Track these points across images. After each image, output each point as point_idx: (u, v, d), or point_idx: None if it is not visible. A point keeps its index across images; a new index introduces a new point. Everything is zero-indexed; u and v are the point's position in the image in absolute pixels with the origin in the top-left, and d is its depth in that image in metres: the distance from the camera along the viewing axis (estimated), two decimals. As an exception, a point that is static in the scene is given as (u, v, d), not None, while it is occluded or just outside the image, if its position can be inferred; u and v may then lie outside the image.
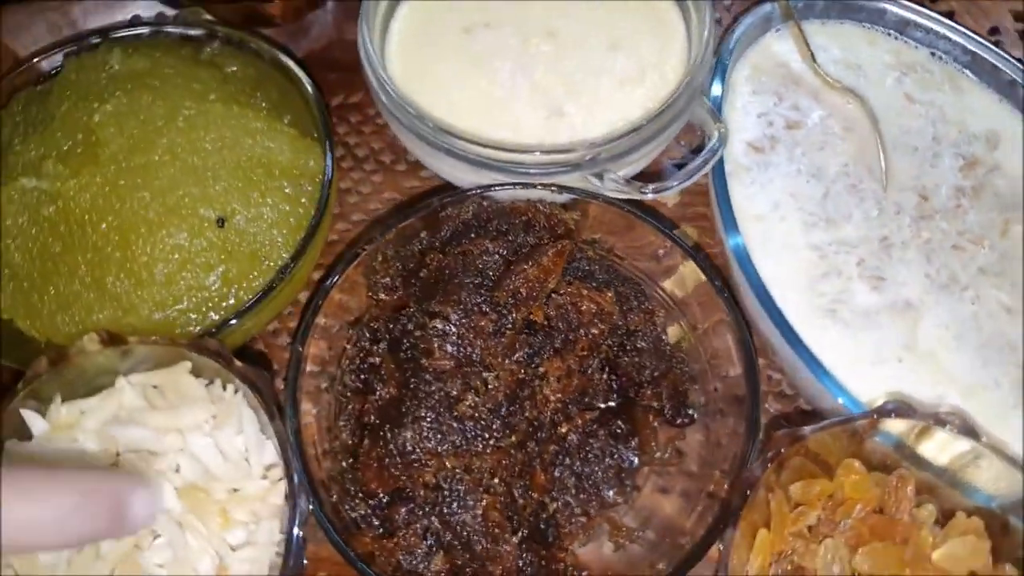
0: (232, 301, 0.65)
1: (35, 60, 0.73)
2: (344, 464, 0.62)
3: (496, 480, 0.60)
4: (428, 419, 0.58)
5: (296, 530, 0.55)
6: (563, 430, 0.62)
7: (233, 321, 0.63)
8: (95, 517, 0.44)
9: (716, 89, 0.73)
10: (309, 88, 0.72)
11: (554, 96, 0.72)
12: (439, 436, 0.58)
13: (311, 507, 0.56)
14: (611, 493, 0.62)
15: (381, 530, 0.59)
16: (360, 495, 0.60)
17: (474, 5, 0.75)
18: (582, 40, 0.74)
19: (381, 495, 0.60)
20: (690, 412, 0.65)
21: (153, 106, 0.66)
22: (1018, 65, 0.76)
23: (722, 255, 0.71)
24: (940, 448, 0.60)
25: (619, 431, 0.63)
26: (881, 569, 0.57)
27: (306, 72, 0.73)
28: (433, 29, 0.75)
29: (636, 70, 0.73)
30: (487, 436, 0.59)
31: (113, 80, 0.68)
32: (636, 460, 0.63)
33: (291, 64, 0.73)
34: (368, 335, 0.65)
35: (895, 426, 0.59)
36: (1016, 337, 0.67)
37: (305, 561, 0.57)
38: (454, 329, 0.62)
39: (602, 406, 0.64)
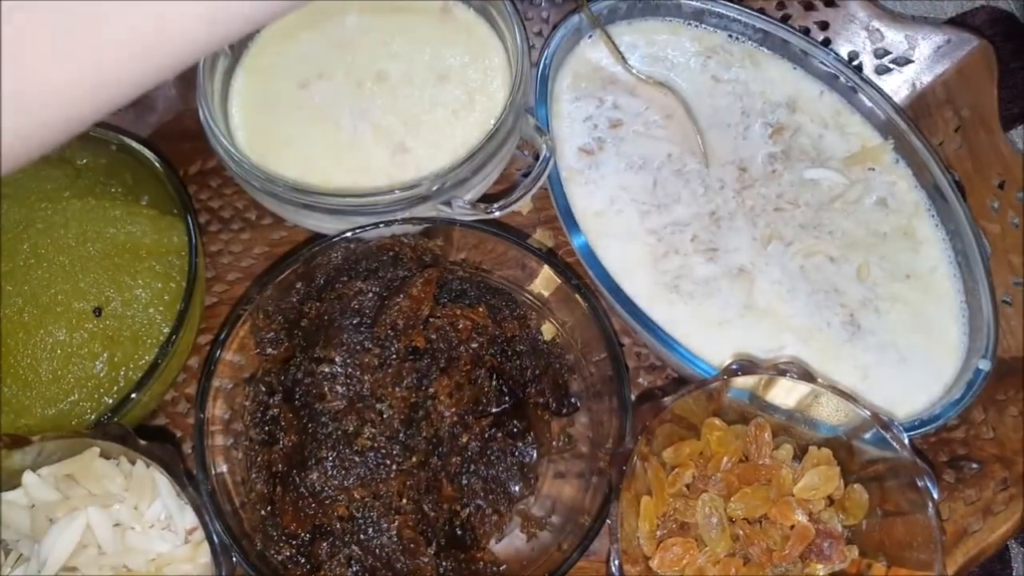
0: (122, 383, 0.66)
1: None
2: (263, 512, 0.63)
3: (404, 500, 0.62)
4: (330, 458, 0.61)
5: (224, 586, 0.57)
6: (464, 440, 0.64)
7: (131, 397, 0.64)
8: None
9: (541, 102, 0.75)
10: (159, 167, 0.72)
11: (395, 134, 0.74)
12: (343, 472, 0.61)
13: (235, 559, 0.59)
14: (517, 488, 0.66)
15: (308, 567, 0.61)
16: (283, 538, 0.62)
17: (305, 61, 0.76)
18: (411, 77, 0.76)
19: (302, 535, 0.62)
20: (572, 401, 0.69)
21: (10, 213, 0.67)
22: (802, 36, 0.82)
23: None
24: (786, 393, 0.64)
25: (515, 430, 0.66)
26: (752, 512, 0.61)
27: (153, 150, 0.73)
28: (271, 90, 0.76)
29: (466, 97, 0.75)
30: (389, 462, 0.62)
31: (-35, 195, 0.68)
32: (535, 453, 0.67)
33: (137, 146, 0.73)
34: (264, 389, 0.67)
35: (745, 382, 0.63)
36: (839, 280, 0.73)
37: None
38: (340, 370, 0.64)
39: (495, 410, 0.66)
